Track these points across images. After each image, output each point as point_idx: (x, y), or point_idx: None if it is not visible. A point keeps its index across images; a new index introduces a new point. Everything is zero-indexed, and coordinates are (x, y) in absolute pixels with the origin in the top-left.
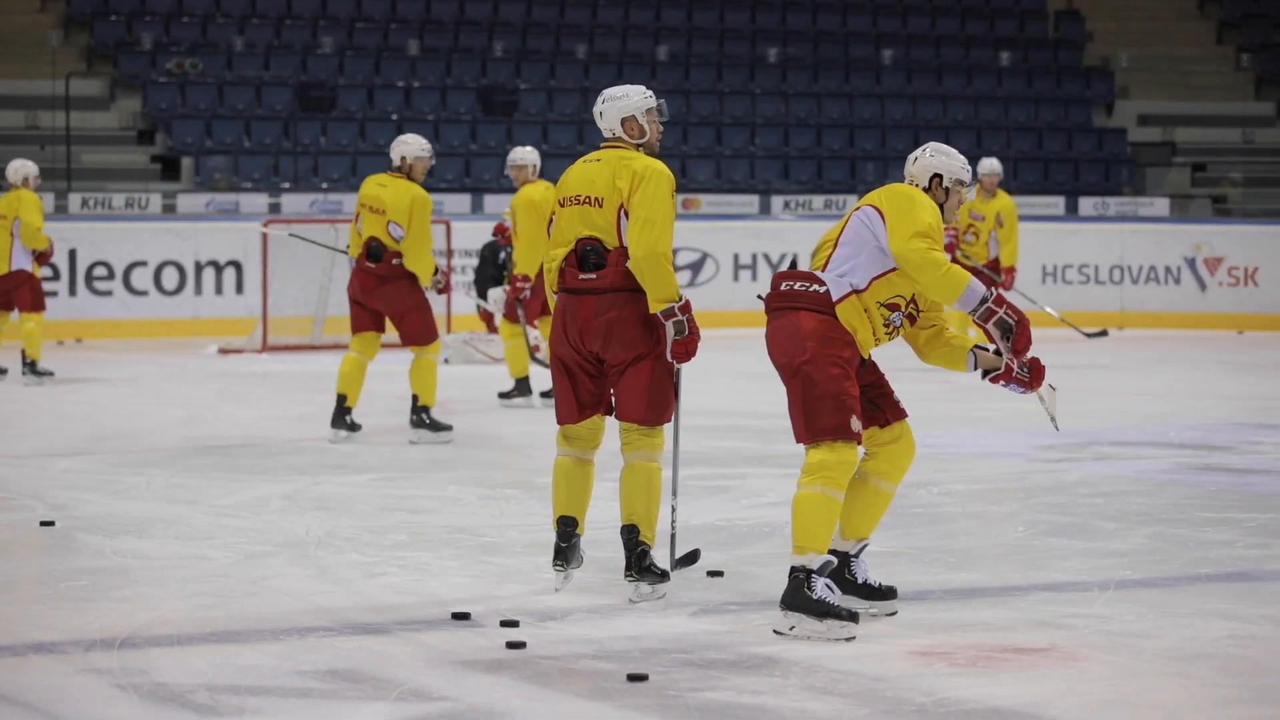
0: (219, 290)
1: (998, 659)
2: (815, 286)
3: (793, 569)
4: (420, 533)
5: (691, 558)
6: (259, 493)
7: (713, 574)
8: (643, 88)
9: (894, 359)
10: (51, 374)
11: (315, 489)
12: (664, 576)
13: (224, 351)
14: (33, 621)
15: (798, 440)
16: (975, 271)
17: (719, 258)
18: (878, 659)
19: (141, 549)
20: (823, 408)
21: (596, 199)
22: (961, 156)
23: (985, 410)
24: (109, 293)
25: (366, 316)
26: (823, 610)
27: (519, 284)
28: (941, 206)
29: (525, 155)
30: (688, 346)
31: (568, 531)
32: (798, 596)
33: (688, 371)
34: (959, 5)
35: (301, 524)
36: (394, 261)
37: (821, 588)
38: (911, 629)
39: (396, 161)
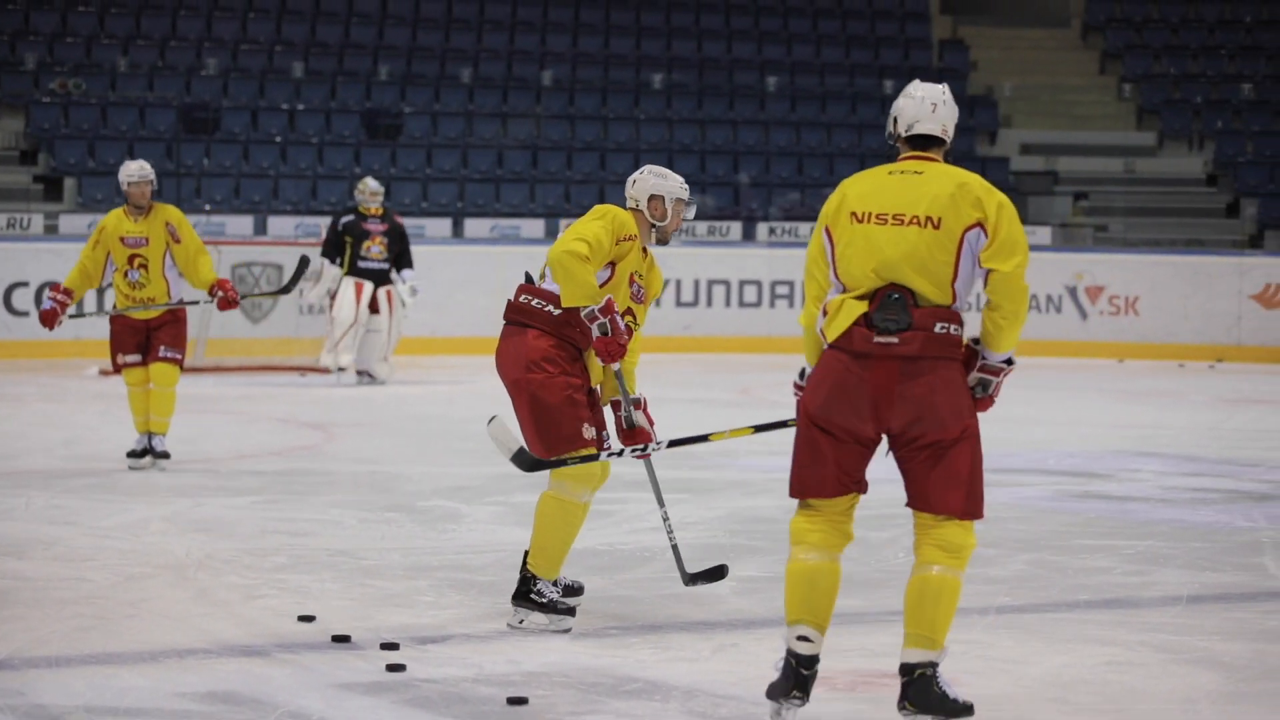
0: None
1: (877, 684)
2: None
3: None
4: (301, 555)
5: (718, 573)
6: (139, 514)
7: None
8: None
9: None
10: None
11: (196, 511)
12: None
13: (104, 373)
14: None
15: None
16: None
17: None
18: (758, 683)
19: (20, 570)
20: None
21: None
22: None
23: None
24: None
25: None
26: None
27: None
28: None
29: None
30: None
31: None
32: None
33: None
34: (844, 34)
35: (181, 546)
36: None
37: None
38: None
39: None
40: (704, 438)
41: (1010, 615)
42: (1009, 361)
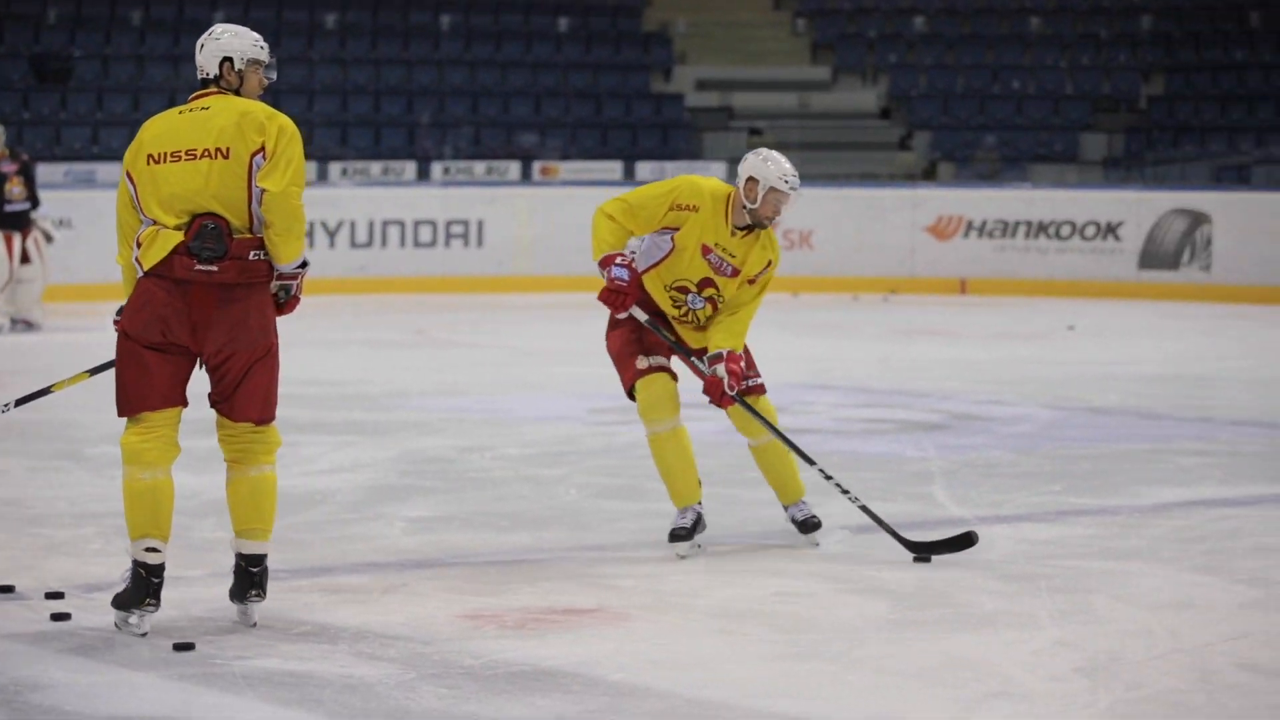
0: None
1: (546, 620)
2: None
3: None
4: None
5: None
6: None
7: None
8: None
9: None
10: None
11: None
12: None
13: None
14: None
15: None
16: None
17: None
18: (427, 623)
19: None
20: None
21: None
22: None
23: (540, 375)
24: None
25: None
26: None
27: None
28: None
29: None
30: None
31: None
32: None
33: None
34: None
35: None
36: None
37: None
38: (462, 593)
39: None
40: (48, 390)
41: None
42: (303, 265)
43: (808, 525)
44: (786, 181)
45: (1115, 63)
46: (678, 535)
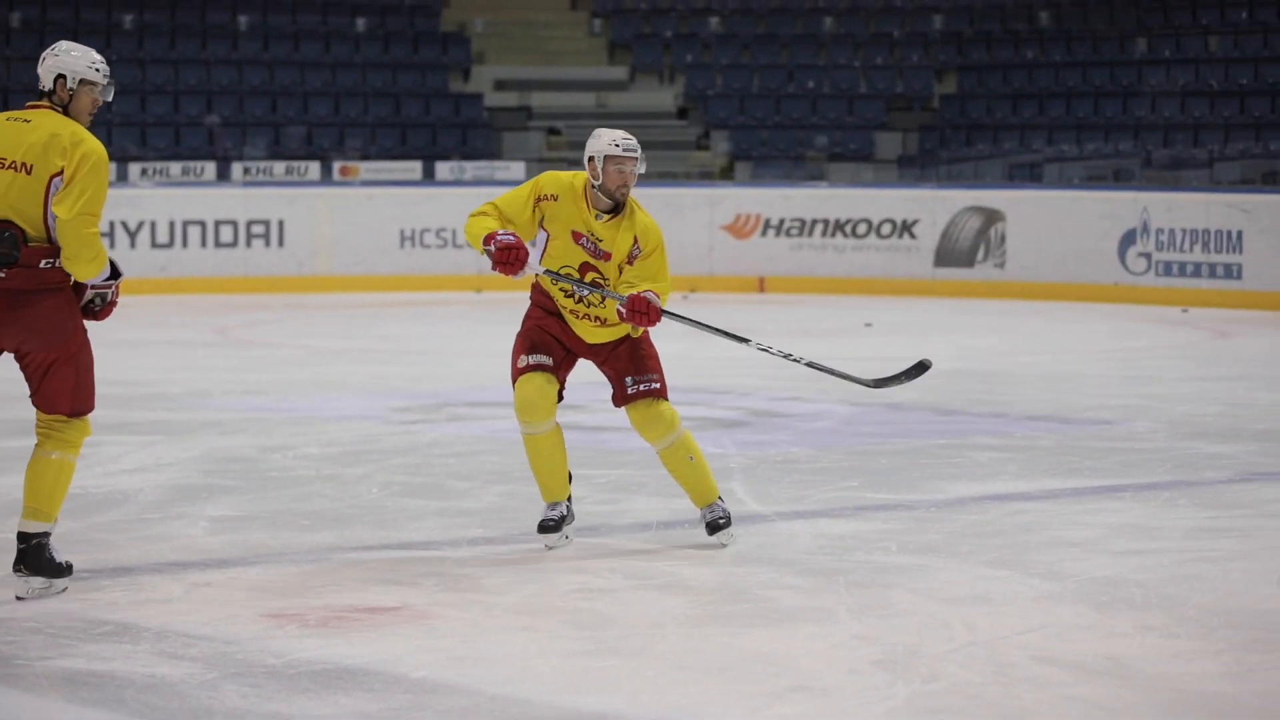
0: None
1: (349, 619)
2: None
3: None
4: None
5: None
6: None
7: None
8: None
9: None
10: None
11: None
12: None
13: None
14: None
15: None
16: None
17: None
18: (229, 623)
19: None
20: None
21: None
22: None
23: (341, 374)
24: None
25: None
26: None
27: None
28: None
29: None
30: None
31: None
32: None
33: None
34: None
35: None
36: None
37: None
38: (264, 592)
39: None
40: None
41: (483, 547)
42: (115, 275)
43: (712, 527)
44: (617, 144)
45: (908, 62)
46: (546, 527)
